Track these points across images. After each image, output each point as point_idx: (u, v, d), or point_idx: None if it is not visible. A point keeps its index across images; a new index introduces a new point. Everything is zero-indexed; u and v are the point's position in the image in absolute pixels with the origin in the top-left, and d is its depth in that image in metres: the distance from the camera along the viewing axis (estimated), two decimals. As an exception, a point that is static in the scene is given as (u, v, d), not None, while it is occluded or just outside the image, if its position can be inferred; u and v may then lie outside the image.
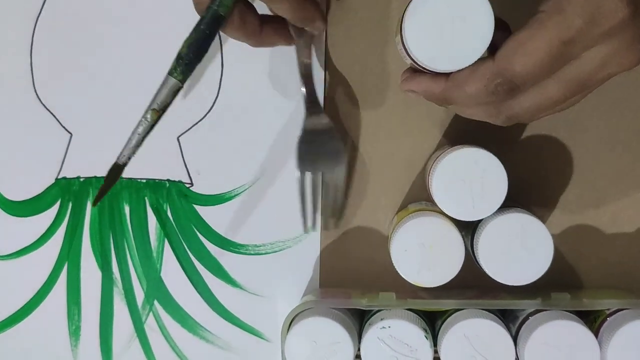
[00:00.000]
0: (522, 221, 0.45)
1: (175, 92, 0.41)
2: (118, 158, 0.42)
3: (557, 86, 0.37)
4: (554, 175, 0.51)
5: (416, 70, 0.42)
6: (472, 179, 0.44)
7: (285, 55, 0.51)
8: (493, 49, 0.38)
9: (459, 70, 0.39)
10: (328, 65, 0.51)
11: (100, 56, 0.52)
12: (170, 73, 0.41)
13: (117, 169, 0.42)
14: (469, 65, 0.38)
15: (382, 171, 0.51)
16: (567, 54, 0.36)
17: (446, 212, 0.45)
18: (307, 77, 0.49)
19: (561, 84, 0.37)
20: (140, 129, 0.42)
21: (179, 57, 0.41)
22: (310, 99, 0.50)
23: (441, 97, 0.41)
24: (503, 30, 0.39)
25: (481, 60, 0.38)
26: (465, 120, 0.50)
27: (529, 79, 0.37)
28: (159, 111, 0.42)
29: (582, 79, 0.37)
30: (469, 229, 0.47)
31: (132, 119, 0.52)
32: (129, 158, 0.42)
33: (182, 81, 0.41)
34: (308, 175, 0.50)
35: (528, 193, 0.51)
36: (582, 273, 0.51)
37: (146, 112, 0.42)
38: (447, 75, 0.40)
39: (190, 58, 0.41)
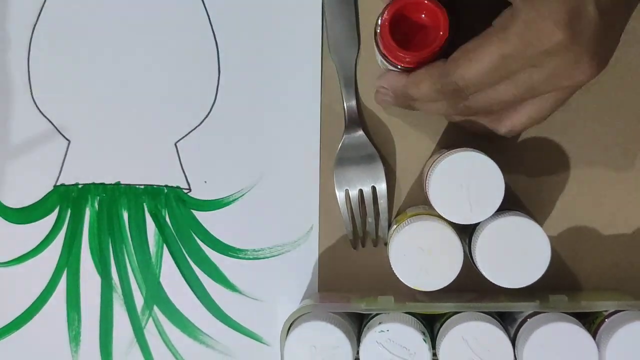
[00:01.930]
0: (519, 224, 0.45)
1: None
2: None
3: (507, 87, 0.41)
4: (551, 177, 0.51)
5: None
6: (469, 182, 0.44)
7: (283, 61, 0.51)
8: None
9: (417, 69, 0.44)
10: (325, 71, 0.51)
11: (97, 63, 0.52)
12: None
13: None
14: (425, 66, 0.43)
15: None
16: (506, 67, 0.40)
17: (444, 216, 0.45)
18: (349, 93, 0.51)
19: (510, 86, 0.41)
20: None
21: None
22: (351, 116, 0.51)
23: (403, 92, 0.45)
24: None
25: (437, 61, 0.43)
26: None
27: (470, 83, 0.41)
28: None
29: (531, 85, 0.41)
30: (466, 233, 0.47)
31: (129, 126, 0.53)
32: None
33: None
34: (347, 193, 0.51)
35: (525, 195, 0.51)
36: (579, 275, 0.51)
37: None
38: (408, 73, 0.44)
39: None
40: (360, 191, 0.51)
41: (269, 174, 0.52)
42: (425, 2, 0.43)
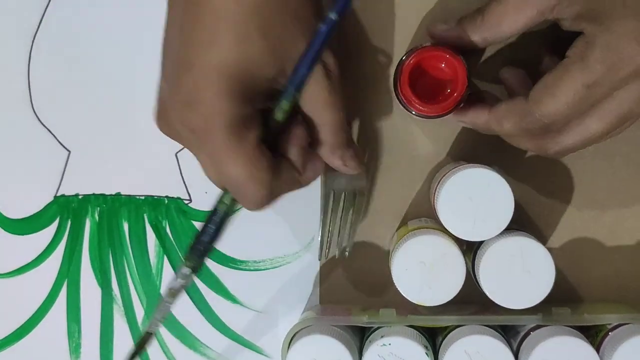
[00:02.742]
0: (524, 244, 0.45)
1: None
2: (149, 327, 0.43)
3: (598, 122, 0.40)
4: (553, 188, 0.51)
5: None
6: (479, 199, 0.44)
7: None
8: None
9: (497, 106, 0.43)
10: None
11: (97, 73, 0.52)
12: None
13: (147, 337, 0.43)
14: (505, 102, 0.42)
15: (383, 187, 0.51)
16: (591, 96, 0.39)
17: (450, 231, 0.45)
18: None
19: (601, 120, 0.40)
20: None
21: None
22: None
23: (485, 128, 0.44)
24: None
25: (517, 98, 0.42)
26: (465, 137, 0.50)
27: (557, 118, 0.40)
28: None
29: (622, 114, 0.40)
30: (470, 248, 0.47)
31: (130, 136, 0.52)
32: (157, 327, 0.43)
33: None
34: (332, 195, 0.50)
35: (527, 207, 0.50)
36: (582, 287, 0.51)
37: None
38: (489, 108, 0.44)
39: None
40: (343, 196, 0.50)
41: (270, 185, 0.52)
42: (447, 56, 0.44)
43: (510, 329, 0.48)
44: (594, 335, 0.47)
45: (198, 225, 0.52)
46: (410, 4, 0.49)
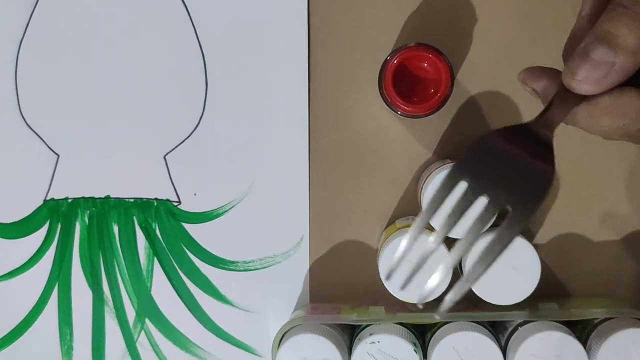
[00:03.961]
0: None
1: None
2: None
3: None
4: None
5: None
6: None
7: (270, 72, 0.51)
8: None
9: (598, 96, 0.33)
10: (312, 82, 0.51)
11: (85, 77, 0.52)
12: None
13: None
14: (612, 92, 0.33)
15: (370, 186, 0.51)
16: None
17: (437, 229, 0.45)
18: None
19: None
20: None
21: None
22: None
23: (574, 120, 0.35)
24: None
25: (627, 92, 0.33)
26: (451, 136, 0.50)
27: None
28: None
29: None
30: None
31: (118, 139, 0.52)
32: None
33: None
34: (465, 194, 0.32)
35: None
36: (569, 282, 0.52)
37: None
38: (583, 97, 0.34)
39: None
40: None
41: (258, 185, 0.52)
42: (430, 55, 0.44)
43: (498, 325, 0.49)
44: (581, 329, 0.47)
45: (189, 227, 0.53)
46: (395, 4, 0.49)
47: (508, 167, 0.32)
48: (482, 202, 0.32)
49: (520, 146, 0.32)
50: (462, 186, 0.32)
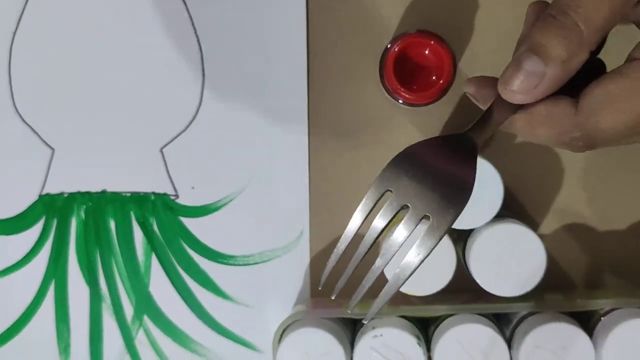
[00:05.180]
0: (514, 231, 0.44)
1: None
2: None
3: None
4: (543, 175, 0.50)
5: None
6: None
7: (268, 64, 0.50)
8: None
9: (535, 107, 0.34)
10: (312, 71, 0.50)
11: (79, 70, 0.52)
12: None
13: None
14: (547, 101, 0.33)
15: (372, 178, 0.51)
16: None
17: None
18: None
19: None
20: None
21: None
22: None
23: (508, 125, 0.35)
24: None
25: (561, 102, 0.33)
26: (454, 125, 0.50)
27: (612, 139, 0.33)
28: None
29: None
30: (460, 237, 0.46)
31: (114, 132, 0.52)
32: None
33: None
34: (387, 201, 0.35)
35: (517, 195, 0.50)
36: (574, 273, 0.51)
37: None
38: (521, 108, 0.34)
39: None
40: None
41: (257, 178, 0.52)
42: (432, 42, 0.44)
43: (503, 317, 0.48)
44: (586, 320, 0.47)
45: (187, 221, 0.52)
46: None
47: (428, 177, 0.34)
48: (404, 210, 0.35)
49: (443, 156, 0.34)
50: (387, 195, 0.35)
